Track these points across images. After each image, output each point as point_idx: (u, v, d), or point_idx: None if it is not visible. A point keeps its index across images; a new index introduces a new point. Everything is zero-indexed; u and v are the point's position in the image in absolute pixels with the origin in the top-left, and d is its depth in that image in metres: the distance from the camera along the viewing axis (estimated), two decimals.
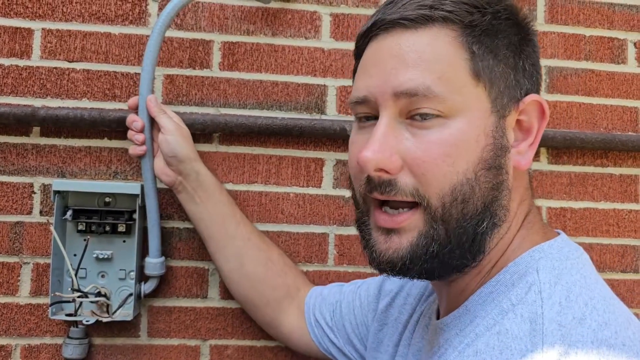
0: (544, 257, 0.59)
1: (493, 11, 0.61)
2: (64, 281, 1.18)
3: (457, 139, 0.57)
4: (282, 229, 1.28)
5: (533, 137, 0.62)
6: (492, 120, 0.59)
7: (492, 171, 0.59)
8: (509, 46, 0.61)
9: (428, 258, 0.59)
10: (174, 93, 1.26)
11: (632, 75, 1.38)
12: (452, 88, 0.58)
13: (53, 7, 1.24)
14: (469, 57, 0.59)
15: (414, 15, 0.59)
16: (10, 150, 1.22)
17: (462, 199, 0.57)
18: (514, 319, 0.54)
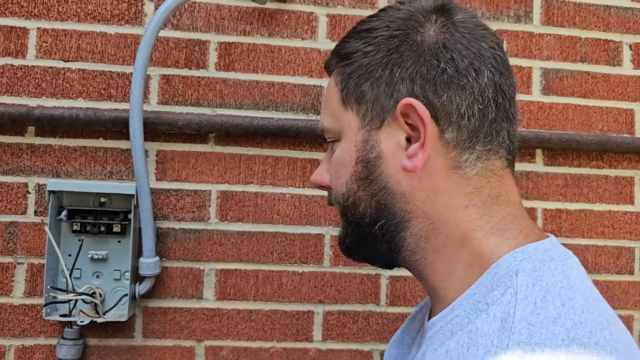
0: (526, 258, 0.59)
1: (365, 36, 0.67)
2: (59, 282, 1.18)
3: (338, 158, 0.69)
4: (278, 229, 1.27)
5: (422, 138, 0.62)
6: (360, 135, 0.66)
7: (365, 181, 0.66)
8: (379, 62, 0.64)
9: (349, 247, 0.73)
10: (170, 93, 1.26)
11: (627, 77, 1.39)
12: (333, 118, 0.69)
13: (48, 7, 1.23)
14: (340, 88, 0.68)
15: (327, 64, 0.74)
16: (4, 150, 1.21)
17: (351, 205, 0.68)
18: (486, 319, 0.55)
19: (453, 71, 0.62)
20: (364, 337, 1.28)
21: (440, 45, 0.63)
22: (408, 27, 0.64)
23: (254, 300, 1.26)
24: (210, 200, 1.26)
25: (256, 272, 1.26)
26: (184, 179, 1.25)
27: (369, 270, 1.29)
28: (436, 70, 0.62)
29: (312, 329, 1.27)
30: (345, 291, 1.28)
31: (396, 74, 0.63)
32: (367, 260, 0.76)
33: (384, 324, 1.29)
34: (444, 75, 0.62)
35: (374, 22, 0.67)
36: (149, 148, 1.24)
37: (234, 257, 1.26)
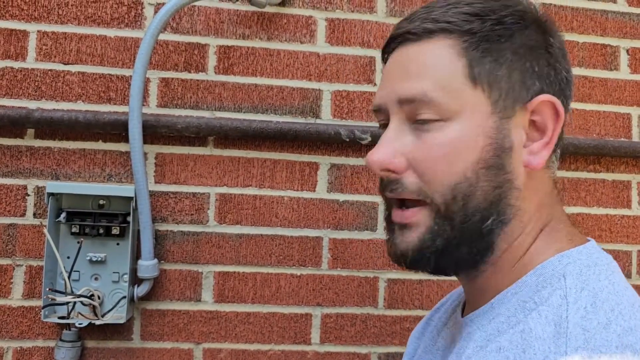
0: (571, 262, 0.60)
1: (497, 17, 0.63)
2: (57, 284, 1.18)
3: (455, 140, 0.61)
4: (277, 232, 1.28)
5: (549, 137, 0.63)
6: (493, 121, 0.62)
7: (492, 170, 0.61)
8: (514, 50, 0.63)
9: (435, 252, 0.62)
10: (169, 96, 1.26)
11: (624, 81, 1.39)
12: (449, 93, 0.61)
13: (49, 10, 1.24)
14: (467, 63, 0.62)
15: (419, 30, 0.64)
16: (4, 152, 1.22)
17: (462, 197, 0.60)
18: (538, 319, 0.55)
19: (568, 80, 0.67)
20: (362, 339, 1.28)
21: (566, 53, 0.67)
22: (542, 26, 0.66)
23: (252, 303, 1.26)
24: (208, 202, 1.26)
25: (254, 274, 1.27)
26: (182, 182, 1.26)
27: (366, 273, 1.29)
28: (561, 75, 0.66)
29: (310, 331, 1.27)
30: (343, 294, 1.29)
31: (532, 68, 0.64)
32: (438, 270, 0.66)
33: (381, 327, 1.29)
34: (565, 81, 0.66)
35: (504, 4, 0.65)
36: (148, 151, 1.25)
37: (233, 259, 1.26)
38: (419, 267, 0.65)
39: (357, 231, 1.30)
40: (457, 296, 0.87)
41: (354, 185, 1.30)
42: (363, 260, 1.29)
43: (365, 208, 1.30)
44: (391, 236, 0.68)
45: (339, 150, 1.30)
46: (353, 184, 1.30)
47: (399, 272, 1.30)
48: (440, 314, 0.87)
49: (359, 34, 1.32)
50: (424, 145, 0.62)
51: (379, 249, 1.30)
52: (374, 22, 1.33)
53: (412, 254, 0.64)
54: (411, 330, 1.29)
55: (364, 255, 1.29)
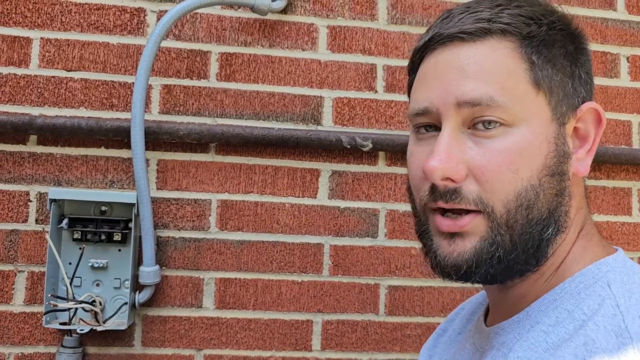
0: (611, 270, 0.60)
1: (548, 22, 0.62)
2: (59, 290, 1.18)
3: (521, 147, 0.58)
4: (278, 239, 1.28)
5: (590, 143, 0.63)
6: (554, 127, 0.61)
7: (555, 177, 0.60)
8: (566, 55, 0.63)
9: (494, 263, 0.60)
10: (171, 103, 1.27)
11: (624, 89, 1.40)
12: (514, 97, 0.59)
13: (52, 17, 1.25)
14: (529, 67, 0.60)
15: (472, 29, 0.61)
16: (6, 158, 1.22)
17: (527, 205, 0.59)
18: (598, 331, 0.54)
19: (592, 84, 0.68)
20: (362, 346, 1.29)
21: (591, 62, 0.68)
22: (578, 33, 0.66)
23: (253, 309, 1.26)
24: (210, 209, 1.26)
25: (255, 281, 1.27)
26: (184, 188, 1.26)
27: (367, 279, 1.30)
28: (593, 82, 0.67)
29: (311, 338, 1.28)
30: (344, 300, 1.29)
31: (580, 75, 0.64)
32: (488, 280, 0.62)
33: (382, 334, 1.29)
34: (593, 87, 0.67)
35: (546, 8, 0.64)
36: (150, 157, 1.25)
37: (234, 266, 1.26)
38: (470, 279, 0.61)
39: (358, 238, 1.30)
40: (474, 305, 0.85)
41: (355, 192, 1.30)
42: (364, 267, 1.30)
43: (366, 215, 1.30)
44: (433, 247, 0.64)
45: (340, 157, 1.30)
46: (354, 190, 1.31)
47: (400, 279, 1.31)
48: (455, 324, 0.85)
49: (360, 41, 1.33)
50: (487, 152, 0.58)
51: (380, 256, 1.30)
52: (375, 29, 1.33)
53: (468, 266, 0.60)
54: (412, 337, 1.29)
55: (365, 262, 1.30)
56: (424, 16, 1.35)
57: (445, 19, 0.64)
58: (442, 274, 0.63)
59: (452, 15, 0.64)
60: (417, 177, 0.64)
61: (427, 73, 0.65)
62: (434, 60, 0.64)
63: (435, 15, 1.35)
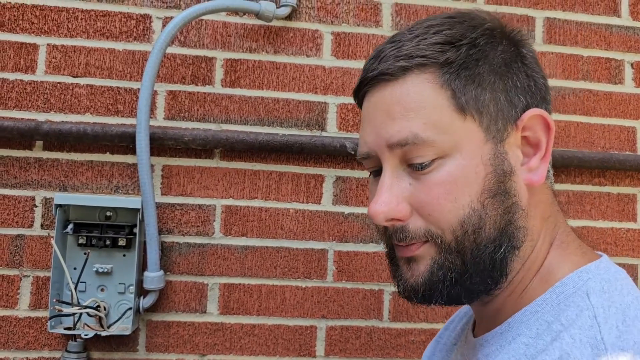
0: (592, 278, 0.59)
1: (469, 41, 0.61)
2: (64, 295, 1.19)
3: (455, 176, 0.59)
4: (282, 244, 1.28)
5: (543, 150, 0.62)
6: (489, 148, 0.60)
7: (497, 198, 0.60)
8: (493, 70, 0.62)
9: (448, 284, 0.60)
10: (176, 109, 1.28)
11: (629, 95, 1.40)
12: (440, 129, 0.59)
13: (58, 23, 1.26)
14: (451, 95, 0.60)
15: (392, 69, 0.62)
16: (13, 163, 1.23)
17: (472, 230, 0.59)
18: (573, 344, 0.54)
19: (546, 86, 0.66)
20: (366, 352, 1.28)
21: (537, 59, 0.66)
22: (512, 38, 0.65)
23: (257, 315, 1.27)
24: (214, 214, 1.27)
25: (259, 286, 1.27)
26: (189, 194, 1.26)
27: (371, 285, 1.29)
28: (539, 83, 0.65)
29: (315, 344, 1.27)
30: (348, 306, 1.29)
31: (514, 84, 0.62)
32: (451, 301, 0.63)
33: (386, 340, 1.29)
34: (544, 88, 0.65)
35: (468, 25, 0.63)
36: (155, 163, 1.26)
37: (238, 271, 1.27)
38: (431, 301, 0.62)
39: (362, 244, 1.30)
40: (465, 314, 0.86)
41: (359, 198, 1.31)
42: (368, 272, 1.30)
43: (370, 221, 1.30)
44: (397, 272, 0.66)
45: (344, 163, 1.31)
46: (358, 196, 1.31)
47: None
48: (449, 332, 0.86)
49: (364, 48, 1.33)
50: (425, 187, 0.60)
51: (383, 262, 1.30)
52: (380, 35, 1.34)
53: (424, 288, 0.61)
54: (416, 343, 1.29)
55: (369, 268, 1.30)
56: None
57: (372, 59, 0.65)
58: (405, 297, 0.65)
59: (379, 53, 0.64)
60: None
61: (363, 117, 0.67)
62: (367, 103, 0.66)
63: None
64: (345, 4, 1.33)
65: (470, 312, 0.83)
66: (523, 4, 1.38)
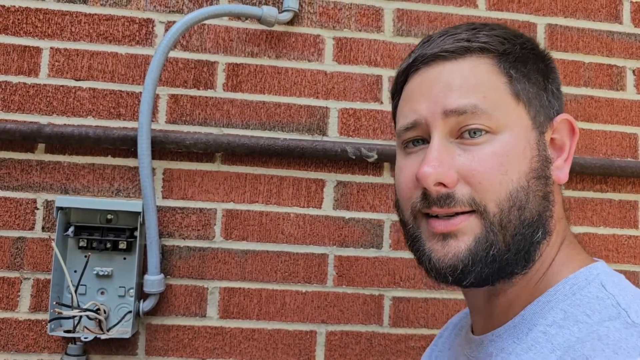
0: (601, 273, 0.62)
1: (520, 42, 0.67)
2: (64, 297, 1.19)
3: (507, 150, 0.62)
4: (282, 249, 1.28)
5: (566, 153, 0.67)
6: (534, 135, 0.65)
7: (541, 180, 0.63)
8: (539, 71, 0.67)
9: (488, 262, 0.61)
10: (178, 112, 1.28)
11: (631, 102, 1.40)
12: (496, 106, 0.63)
13: (62, 27, 1.26)
14: (508, 80, 0.64)
15: (453, 48, 0.65)
16: (14, 166, 1.23)
17: (519, 206, 0.61)
18: (608, 329, 0.55)
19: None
20: (366, 358, 1.28)
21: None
22: (547, 54, 0.71)
23: (257, 319, 1.26)
24: (215, 218, 1.27)
25: (260, 291, 1.27)
26: (190, 197, 1.27)
27: (372, 290, 1.29)
28: (563, 97, 0.71)
29: (314, 349, 1.27)
30: (348, 311, 1.28)
31: (552, 90, 0.69)
32: (481, 282, 0.63)
33: (386, 345, 1.29)
34: (564, 103, 0.72)
35: (515, 32, 0.69)
36: (156, 166, 1.26)
37: (238, 275, 1.27)
38: (464, 280, 0.62)
39: (362, 249, 1.30)
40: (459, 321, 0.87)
41: (360, 203, 1.31)
42: (368, 277, 1.29)
43: (371, 225, 1.30)
44: (426, 251, 0.65)
45: (346, 168, 1.31)
46: (359, 201, 1.31)
47: (405, 290, 1.30)
48: (443, 339, 0.87)
49: (366, 53, 1.34)
50: (476, 157, 0.61)
51: (384, 267, 1.30)
52: (381, 41, 1.34)
53: (464, 265, 0.61)
54: (416, 348, 1.28)
55: (369, 273, 1.29)
56: (430, 28, 1.36)
57: (426, 42, 0.69)
58: (437, 277, 0.64)
59: (433, 39, 0.68)
60: (407, 187, 0.67)
61: (413, 91, 0.69)
62: (419, 79, 0.68)
63: (440, 27, 1.36)
64: (347, 9, 1.34)
65: (466, 318, 0.84)
66: (525, 10, 1.39)
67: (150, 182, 1.18)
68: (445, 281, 0.63)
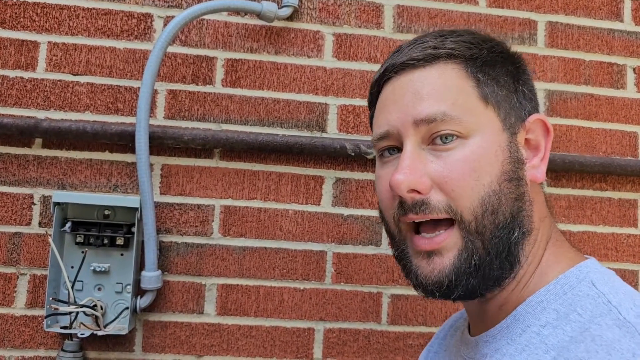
0: (591, 271, 0.63)
1: (488, 47, 0.68)
2: (61, 293, 1.18)
3: (478, 155, 0.62)
4: (281, 245, 1.28)
5: (542, 152, 0.68)
6: (505, 136, 0.65)
7: (513, 182, 0.64)
8: (508, 74, 0.68)
9: (472, 272, 0.62)
10: (177, 108, 1.27)
11: (631, 100, 1.39)
12: (465, 111, 0.64)
13: (60, 21, 1.25)
14: (475, 84, 0.65)
15: (421, 56, 0.67)
16: (11, 161, 1.22)
17: (491, 210, 0.62)
18: (600, 328, 0.55)
19: (537, 102, 0.73)
20: (364, 355, 1.27)
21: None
22: (516, 55, 0.72)
23: (255, 316, 1.26)
24: (213, 215, 1.26)
25: (257, 287, 1.26)
26: (188, 194, 1.26)
27: (370, 288, 1.29)
28: (536, 98, 0.72)
29: (312, 346, 1.27)
30: (346, 309, 1.28)
31: (523, 91, 0.70)
32: (469, 294, 0.63)
33: (384, 343, 1.28)
34: (537, 104, 0.72)
35: (484, 36, 0.71)
36: (154, 162, 1.25)
37: (236, 272, 1.26)
38: (451, 294, 0.63)
39: (361, 246, 1.29)
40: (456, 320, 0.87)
41: (359, 200, 1.30)
42: (367, 275, 1.29)
43: (370, 223, 1.30)
44: (413, 268, 0.66)
45: (345, 165, 1.30)
46: (358, 198, 1.30)
47: (403, 288, 1.30)
48: (439, 340, 0.88)
49: (365, 49, 1.33)
50: (448, 163, 0.62)
51: (383, 264, 1.29)
52: (381, 37, 1.34)
53: (449, 280, 0.62)
54: (414, 346, 1.28)
55: (367, 270, 1.29)
56: (430, 25, 1.35)
57: (396, 52, 0.71)
58: (425, 293, 0.65)
59: (402, 49, 0.70)
60: (386, 197, 0.68)
61: (385, 101, 0.70)
62: (391, 88, 0.69)
63: (440, 24, 1.35)
64: (347, 5, 1.33)
65: (461, 320, 0.84)
66: (525, 7, 1.38)
67: (148, 178, 1.17)
68: (433, 296, 0.65)
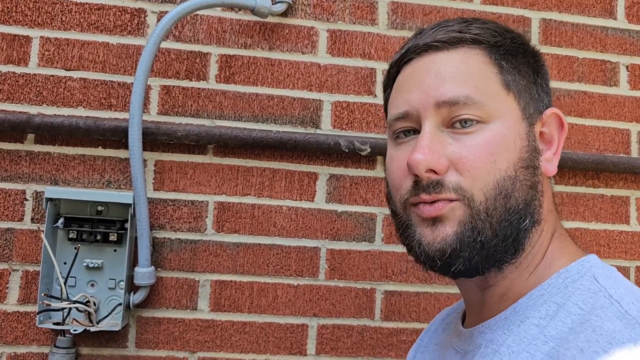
0: (593, 266, 0.63)
1: (511, 37, 0.69)
2: (53, 289, 1.18)
3: (497, 140, 0.62)
4: (274, 242, 1.27)
5: (555, 147, 0.68)
6: (524, 125, 0.65)
7: (529, 170, 0.64)
8: (529, 65, 0.69)
9: (477, 248, 0.62)
10: (170, 104, 1.27)
11: (624, 97, 1.40)
12: (487, 96, 0.64)
13: (52, 16, 1.25)
14: (498, 71, 0.65)
15: (445, 38, 0.66)
16: (3, 156, 1.22)
17: (505, 194, 0.62)
18: (601, 320, 0.55)
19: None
20: (357, 351, 1.28)
21: None
22: (537, 51, 0.73)
23: (249, 312, 1.26)
24: (207, 211, 1.26)
25: (251, 284, 1.26)
26: (181, 190, 1.26)
27: (364, 284, 1.29)
28: (550, 90, 0.72)
29: (306, 342, 1.27)
30: (340, 305, 1.28)
31: (541, 84, 0.70)
32: (470, 270, 0.63)
33: (378, 339, 1.29)
34: (552, 99, 0.72)
35: (507, 27, 0.71)
36: (148, 158, 1.25)
37: (230, 268, 1.26)
38: (451, 267, 0.62)
39: (354, 242, 1.30)
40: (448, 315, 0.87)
41: (353, 196, 1.30)
42: (360, 271, 1.29)
43: (364, 219, 1.30)
44: (416, 235, 0.65)
45: (338, 161, 1.30)
46: (352, 194, 1.30)
47: (396, 284, 1.30)
48: (430, 334, 0.88)
49: (360, 46, 1.33)
50: (466, 145, 0.62)
51: (376, 260, 1.30)
52: (375, 34, 1.34)
53: (452, 249, 0.61)
54: (407, 342, 1.28)
55: (361, 267, 1.29)
56: (424, 21, 1.35)
57: (418, 34, 0.70)
58: (426, 261, 0.65)
59: (425, 31, 0.70)
60: (398, 176, 0.68)
61: (405, 81, 0.70)
62: (411, 69, 0.69)
63: (435, 21, 1.35)
64: (341, 1, 1.33)
65: (453, 313, 0.84)
66: (519, 4, 1.38)
67: (142, 173, 1.17)
68: (434, 265, 0.64)
